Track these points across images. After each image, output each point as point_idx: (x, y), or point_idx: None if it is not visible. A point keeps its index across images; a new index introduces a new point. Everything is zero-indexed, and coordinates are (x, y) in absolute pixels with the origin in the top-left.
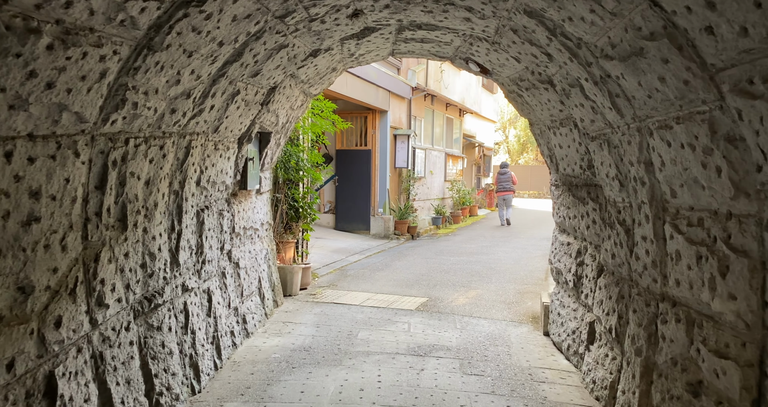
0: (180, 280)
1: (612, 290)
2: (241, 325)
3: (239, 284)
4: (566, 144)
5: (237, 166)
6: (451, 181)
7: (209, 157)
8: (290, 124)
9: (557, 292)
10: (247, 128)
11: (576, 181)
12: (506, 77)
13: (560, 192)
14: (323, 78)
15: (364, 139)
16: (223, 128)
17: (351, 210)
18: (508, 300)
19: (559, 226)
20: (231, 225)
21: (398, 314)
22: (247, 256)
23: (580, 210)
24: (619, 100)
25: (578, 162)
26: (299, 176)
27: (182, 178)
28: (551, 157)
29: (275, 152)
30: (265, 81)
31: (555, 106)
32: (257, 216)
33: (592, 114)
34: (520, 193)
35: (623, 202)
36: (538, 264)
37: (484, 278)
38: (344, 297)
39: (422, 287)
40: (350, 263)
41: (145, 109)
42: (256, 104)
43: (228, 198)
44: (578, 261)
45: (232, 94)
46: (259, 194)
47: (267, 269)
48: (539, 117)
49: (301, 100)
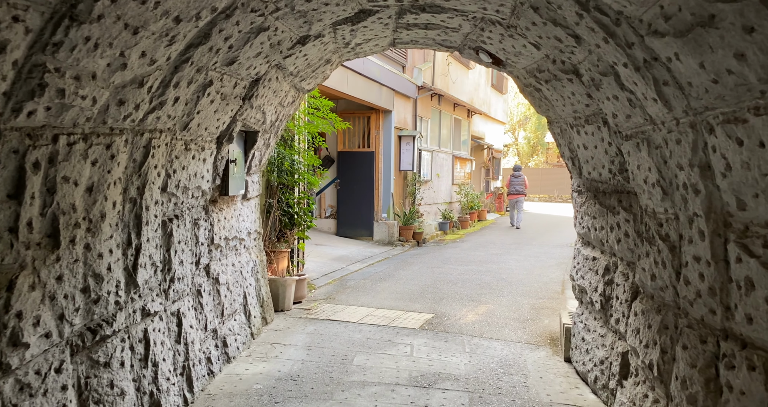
0: (139, 304)
1: (652, 318)
2: (221, 349)
3: (219, 302)
4: (592, 144)
5: (216, 169)
6: (458, 185)
7: (178, 159)
8: (280, 122)
9: (580, 313)
10: (227, 126)
11: (603, 186)
12: (522, 69)
13: (584, 199)
14: (316, 71)
15: (366, 140)
16: (194, 125)
17: (353, 215)
18: (522, 318)
19: (582, 238)
20: (209, 236)
21: (400, 334)
22: (229, 270)
23: (608, 221)
24: (667, 88)
25: (607, 165)
26: (294, 180)
27: (141, 183)
28: (573, 159)
29: (264, 153)
30: (244, 71)
31: (580, 101)
32: (243, 225)
33: (628, 108)
34: (531, 196)
35: (666, 213)
36: (553, 275)
37: (495, 290)
38: (341, 312)
39: (427, 301)
40: (351, 272)
41: (77, 99)
42: (236, 98)
43: (205, 205)
44: (606, 279)
45: (202, 85)
46: (245, 200)
47: (254, 283)
48: (560, 114)
49: (292, 95)
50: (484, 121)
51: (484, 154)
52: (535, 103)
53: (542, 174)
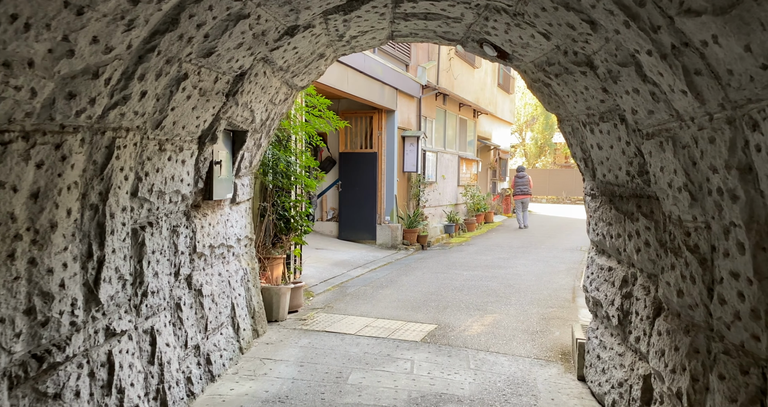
0: (102, 323)
1: (679, 339)
2: (204, 367)
3: (203, 316)
4: (607, 144)
5: (198, 172)
6: (464, 186)
7: (151, 161)
8: (272, 121)
9: (595, 328)
10: (210, 125)
11: (620, 190)
12: (530, 62)
13: (598, 203)
14: (309, 66)
15: (369, 141)
16: (169, 123)
17: (355, 218)
18: (531, 329)
19: (596, 246)
20: (191, 243)
21: (400, 348)
22: (215, 280)
23: (626, 228)
24: (699, 78)
25: (624, 167)
26: (289, 182)
27: (104, 187)
28: (586, 160)
29: (255, 154)
30: (225, 64)
31: (594, 96)
32: (232, 231)
33: (650, 102)
34: (538, 198)
35: (695, 221)
36: (562, 281)
37: (502, 299)
38: (339, 323)
39: (430, 310)
40: (351, 278)
41: (9, 89)
42: (218, 94)
43: (187, 211)
44: (624, 292)
45: (176, 79)
46: (234, 204)
47: (244, 293)
48: (571, 111)
49: (283, 93)
50: (490, 122)
51: (490, 155)
52: (544, 99)
53: (550, 175)
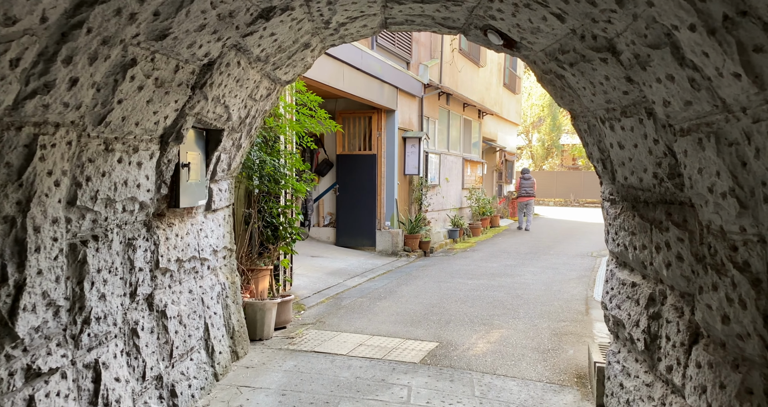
0: (21, 362)
1: (726, 375)
2: (167, 402)
3: (167, 341)
4: (630, 142)
5: (161, 176)
6: (469, 189)
7: (94, 163)
8: (254, 119)
9: (616, 351)
10: (174, 122)
11: (645, 195)
12: (540, 51)
13: (618, 210)
14: (293, 58)
15: (368, 142)
16: (117, 119)
17: (354, 223)
18: (542, 347)
19: (616, 258)
20: (152, 258)
21: (396, 371)
22: (184, 299)
23: (653, 239)
24: (761, 57)
25: (650, 168)
26: (277, 187)
27: (24, 196)
28: (604, 161)
29: (234, 156)
30: (185, 50)
31: (616, 87)
32: (206, 242)
33: (688, 91)
34: (545, 200)
35: (743, 233)
36: (574, 291)
37: (510, 311)
38: (330, 341)
39: (431, 324)
40: (348, 289)
41: None
42: (181, 86)
43: (147, 220)
44: (651, 312)
45: (120, 65)
46: (209, 212)
47: (221, 311)
48: (587, 106)
49: (265, 87)
50: (495, 122)
51: (496, 157)
52: (556, 93)
53: (557, 177)
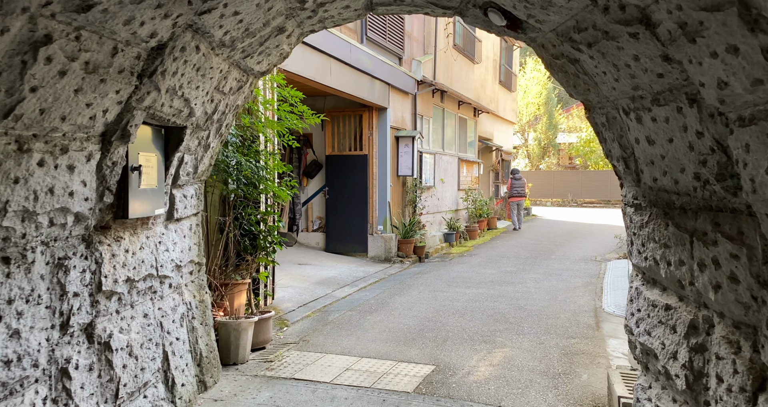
0: None
1: None
2: None
3: (111, 378)
4: (664, 136)
5: (103, 181)
6: (465, 190)
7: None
8: (223, 115)
9: (646, 386)
10: (117, 116)
11: (683, 201)
12: (551, 31)
13: (645, 217)
14: (266, 44)
15: (359, 142)
16: (32, 112)
17: (345, 228)
18: (551, 370)
19: (643, 273)
20: (92, 280)
21: (387, 403)
22: (136, 325)
23: (695, 254)
24: None
25: (691, 167)
26: (256, 192)
27: None
28: (626, 159)
29: (202, 157)
30: (123, 29)
31: (648, 68)
32: (167, 257)
33: (759, 66)
34: (542, 201)
35: None
36: (581, 301)
37: (513, 326)
38: (313, 366)
39: (427, 343)
40: (336, 300)
41: None
42: (123, 73)
43: (86, 235)
44: (693, 343)
45: (29, 43)
46: (171, 222)
47: (186, 335)
48: (607, 94)
49: (235, 78)
50: (491, 121)
51: (492, 157)
52: (569, 82)
53: (554, 177)
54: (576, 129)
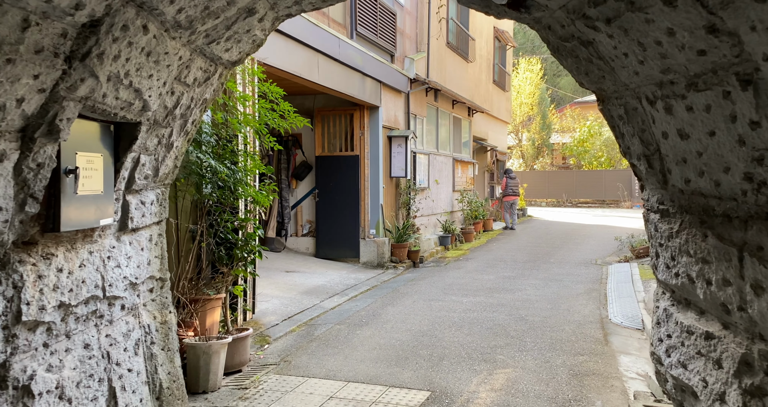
0: None
1: None
2: None
3: None
4: (703, 128)
5: (26, 187)
6: (460, 191)
7: None
8: (189, 110)
9: None
10: (41, 108)
11: (727, 207)
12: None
13: (676, 226)
14: (234, 28)
15: (350, 142)
16: None
17: (336, 232)
18: (560, 396)
19: (672, 291)
20: (10, 309)
21: None
22: (72, 360)
23: (746, 273)
24: None
25: (739, 166)
26: (233, 197)
27: None
28: (649, 157)
29: (164, 159)
30: None
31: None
32: (118, 274)
33: None
34: (537, 201)
35: None
36: (585, 310)
37: (514, 340)
38: (293, 393)
39: (421, 363)
40: (325, 312)
41: None
42: (41, 54)
43: (2, 253)
44: (747, 384)
45: None
46: (126, 233)
47: (142, 365)
48: (627, 81)
49: (200, 68)
50: (486, 121)
51: (487, 157)
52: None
53: (549, 177)
54: (569, 129)
